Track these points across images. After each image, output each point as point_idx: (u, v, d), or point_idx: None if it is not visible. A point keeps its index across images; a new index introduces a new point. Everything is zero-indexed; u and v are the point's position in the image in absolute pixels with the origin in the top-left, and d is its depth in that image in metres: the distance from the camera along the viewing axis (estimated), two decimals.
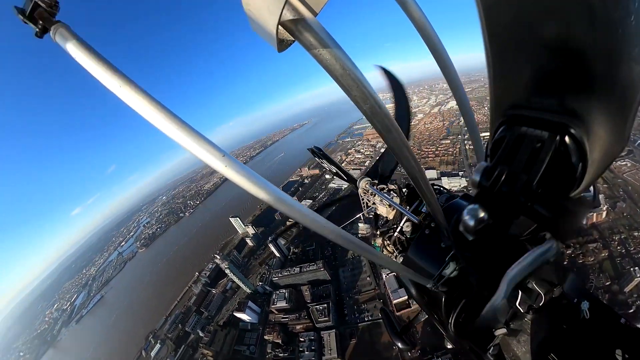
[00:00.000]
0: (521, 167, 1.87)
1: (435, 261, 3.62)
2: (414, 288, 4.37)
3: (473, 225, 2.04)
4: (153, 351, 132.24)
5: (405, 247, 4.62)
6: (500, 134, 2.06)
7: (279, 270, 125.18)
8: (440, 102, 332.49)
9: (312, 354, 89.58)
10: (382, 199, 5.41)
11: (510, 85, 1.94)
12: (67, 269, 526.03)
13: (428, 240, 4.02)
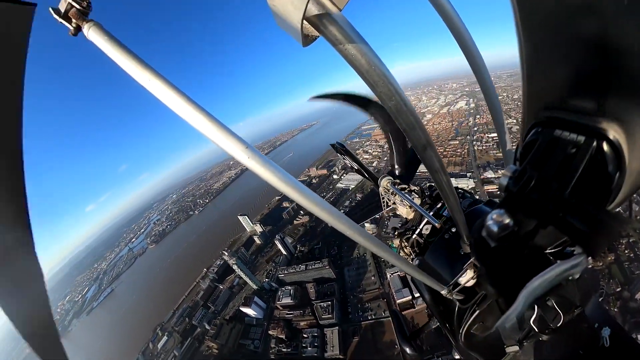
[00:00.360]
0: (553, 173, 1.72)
1: (452, 267, 3.57)
2: (428, 293, 4.29)
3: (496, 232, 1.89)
4: (160, 343, 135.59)
5: (423, 250, 4.58)
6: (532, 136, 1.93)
7: (285, 267, 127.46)
8: (450, 102, 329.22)
9: (315, 350, 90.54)
10: (402, 199, 5.33)
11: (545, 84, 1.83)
12: (80, 263, 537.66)
13: (447, 245, 3.97)
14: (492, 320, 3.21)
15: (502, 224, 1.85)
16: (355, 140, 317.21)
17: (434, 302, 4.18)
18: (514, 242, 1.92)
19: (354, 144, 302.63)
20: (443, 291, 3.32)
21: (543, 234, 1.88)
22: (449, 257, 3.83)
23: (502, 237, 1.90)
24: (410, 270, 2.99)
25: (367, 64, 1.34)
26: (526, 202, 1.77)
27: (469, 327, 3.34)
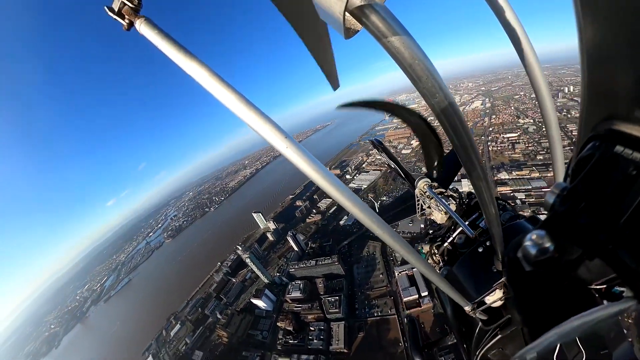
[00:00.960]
0: (608, 196, 1.35)
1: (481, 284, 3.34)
2: (450, 307, 4.08)
3: (534, 255, 1.57)
4: (173, 330, 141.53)
5: (453, 261, 4.25)
6: (588, 150, 1.56)
7: (296, 262, 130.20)
8: (465, 102, 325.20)
9: (321, 343, 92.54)
10: (438, 204, 5.04)
11: (608, 93, 1.48)
12: (99, 255, 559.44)
13: (478, 259, 3.71)
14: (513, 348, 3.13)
15: (541, 246, 1.57)
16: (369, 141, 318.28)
17: (454, 317, 3.99)
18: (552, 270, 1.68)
19: (368, 144, 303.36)
20: (467, 307, 3.13)
21: (588, 267, 1.60)
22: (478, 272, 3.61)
23: (540, 261, 1.62)
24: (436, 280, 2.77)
25: (411, 58, 1.25)
26: (573, 227, 1.48)
27: (487, 351, 3.22)
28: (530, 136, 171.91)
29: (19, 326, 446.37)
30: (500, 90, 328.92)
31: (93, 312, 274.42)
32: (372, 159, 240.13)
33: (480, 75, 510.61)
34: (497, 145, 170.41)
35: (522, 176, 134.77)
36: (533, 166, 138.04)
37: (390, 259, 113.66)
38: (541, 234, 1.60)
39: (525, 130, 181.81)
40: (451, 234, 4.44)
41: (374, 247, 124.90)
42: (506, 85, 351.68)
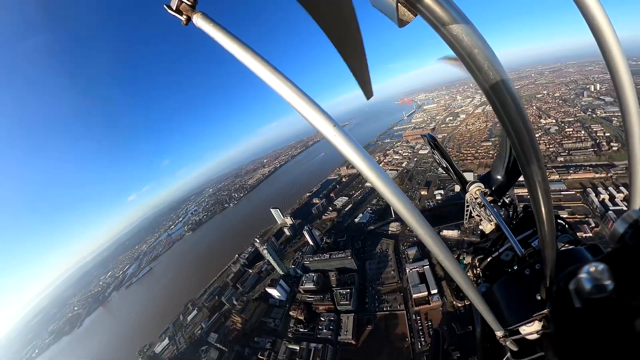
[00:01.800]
0: None
1: (520, 311, 2.92)
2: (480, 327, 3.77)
3: (588, 290, 1.29)
4: (190, 316, 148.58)
5: (494, 278, 3.81)
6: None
7: (311, 255, 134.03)
8: (486, 101, 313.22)
9: (330, 333, 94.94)
10: (489, 214, 4.76)
11: None
12: (122, 245, 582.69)
13: (523, 283, 3.22)
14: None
15: (599, 282, 1.25)
16: (387, 141, 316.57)
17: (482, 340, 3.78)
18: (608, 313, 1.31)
19: (385, 144, 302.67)
20: (498, 333, 2.78)
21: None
22: (520, 297, 3.17)
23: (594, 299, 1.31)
24: (472, 295, 2.37)
25: (471, 45, 1.17)
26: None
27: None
28: (551, 137, 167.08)
29: (45, 306, 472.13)
30: (522, 88, 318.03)
31: (115, 297, 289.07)
32: (389, 159, 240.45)
33: None
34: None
35: None
36: (553, 168, 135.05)
37: (403, 257, 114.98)
38: (602, 267, 1.28)
39: (546, 130, 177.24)
40: (498, 248, 4.13)
41: (387, 245, 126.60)
42: (529, 83, 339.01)
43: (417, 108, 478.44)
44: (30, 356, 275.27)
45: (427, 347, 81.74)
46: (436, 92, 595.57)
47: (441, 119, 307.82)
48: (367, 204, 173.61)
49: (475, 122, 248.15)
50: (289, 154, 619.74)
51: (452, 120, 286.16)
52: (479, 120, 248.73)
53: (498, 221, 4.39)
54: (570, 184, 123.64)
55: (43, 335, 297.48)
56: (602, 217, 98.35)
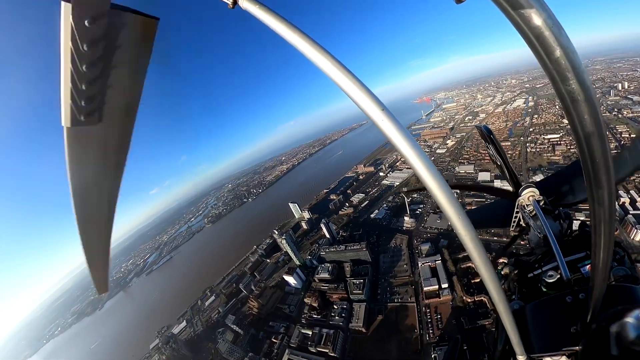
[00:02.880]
0: None
1: (550, 340, 2.77)
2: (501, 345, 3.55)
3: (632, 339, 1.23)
4: (208, 301, 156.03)
5: (530, 296, 3.69)
6: None
7: (327, 246, 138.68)
8: (507, 100, 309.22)
9: (342, 320, 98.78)
10: (540, 225, 4.27)
11: None
12: (143, 235, 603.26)
13: (560, 310, 2.97)
14: None
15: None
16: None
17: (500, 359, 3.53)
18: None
19: None
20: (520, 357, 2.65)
21: None
22: (553, 325, 2.95)
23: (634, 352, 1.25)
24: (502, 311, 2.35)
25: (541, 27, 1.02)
26: None
27: None
28: (573, 138, 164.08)
29: (68, 289, 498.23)
30: (545, 87, 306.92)
31: (135, 283, 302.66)
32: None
33: (526, 71, 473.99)
34: (536, 147, 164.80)
35: None
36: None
37: (416, 252, 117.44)
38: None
39: (568, 131, 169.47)
40: (542, 265, 3.83)
41: (401, 240, 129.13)
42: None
43: (436, 107, 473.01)
44: (53, 333, 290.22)
45: (435, 339, 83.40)
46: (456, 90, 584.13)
47: (460, 118, 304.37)
48: (383, 201, 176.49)
49: (495, 122, 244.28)
50: (307, 152, 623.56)
51: (471, 120, 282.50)
52: (499, 120, 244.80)
53: (548, 235, 3.99)
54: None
55: (66, 315, 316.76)
56: (621, 221, 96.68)
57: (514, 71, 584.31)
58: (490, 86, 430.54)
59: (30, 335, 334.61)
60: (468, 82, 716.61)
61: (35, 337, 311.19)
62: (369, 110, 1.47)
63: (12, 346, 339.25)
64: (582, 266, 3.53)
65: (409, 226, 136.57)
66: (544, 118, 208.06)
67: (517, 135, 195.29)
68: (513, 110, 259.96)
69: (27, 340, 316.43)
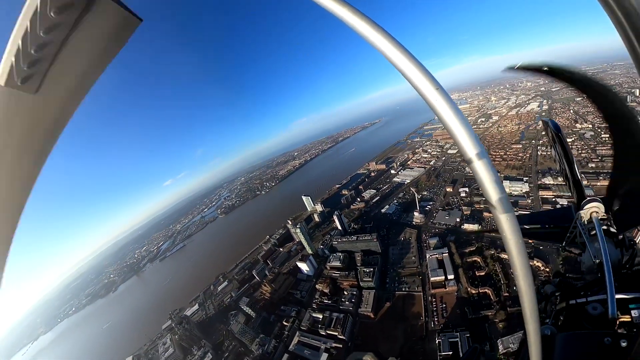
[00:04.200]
0: None
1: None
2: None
3: None
4: (220, 286, 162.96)
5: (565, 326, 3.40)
6: None
7: (339, 237, 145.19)
8: (521, 103, 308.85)
9: (351, 305, 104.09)
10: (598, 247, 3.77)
11: None
12: (157, 225, 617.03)
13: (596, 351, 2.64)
14: None
15: None
16: (417, 140, 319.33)
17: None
18: None
19: (415, 142, 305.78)
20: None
21: None
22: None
23: None
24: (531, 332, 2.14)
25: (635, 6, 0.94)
26: None
27: None
28: (585, 142, 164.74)
29: (83, 273, 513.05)
30: (561, 91, 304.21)
31: (148, 268, 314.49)
32: (417, 157, 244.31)
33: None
34: (547, 150, 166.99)
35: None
36: (583, 173, 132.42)
37: (424, 245, 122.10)
38: None
39: (581, 135, 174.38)
40: (588, 294, 3.44)
41: (410, 234, 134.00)
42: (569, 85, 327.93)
43: None
44: (67, 313, 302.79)
45: (440, 326, 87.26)
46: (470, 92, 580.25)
47: (473, 120, 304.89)
48: (394, 197, 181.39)
49: (507, 125, 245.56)
50: (319, 148, 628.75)
51: (484, 122, 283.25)
52: (511, 123, 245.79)
53: (604, 262, 3.52)
54: (599, 190, 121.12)
55: (80, 297, 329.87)
56: None
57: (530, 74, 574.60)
58: (505, 88, 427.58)
59: (46, 314, 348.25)
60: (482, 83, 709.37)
61: (50, 316, 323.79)
62: (423, 88, 1.42)
63: (28, 323, 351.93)
64: (636, 309, 3.03)
65: (418, 221, 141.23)
66: (557, 121, 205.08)
67: (529, 138, 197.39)
68: (526, 113, 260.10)
69: (43, 319, 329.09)
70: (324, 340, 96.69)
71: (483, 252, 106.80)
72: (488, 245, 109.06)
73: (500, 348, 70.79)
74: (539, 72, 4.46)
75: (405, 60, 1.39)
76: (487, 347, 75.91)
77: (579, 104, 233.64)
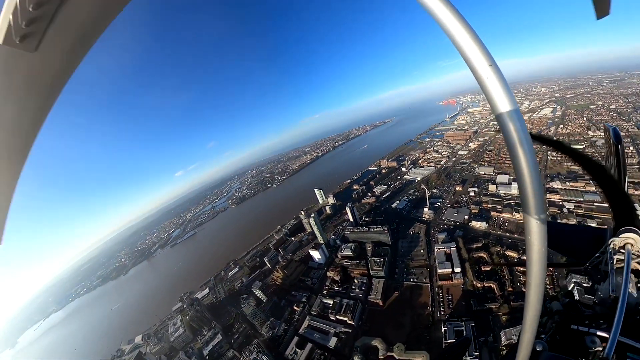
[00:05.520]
0: None
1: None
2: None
3: None
4: (231, 272, 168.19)
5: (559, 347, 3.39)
6: None
7: (351, 227, 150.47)
8: (534, 108, 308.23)
9: (361, 292, 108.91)
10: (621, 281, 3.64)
11: None
12: (168, 213, 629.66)
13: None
14: None
15: None
16: (427, 140, 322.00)
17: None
18: None
19: (426, 143, 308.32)
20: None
21: None
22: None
23: None
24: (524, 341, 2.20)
25: None
26: None
27: None
28: (597, 150, 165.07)
29: (95, 256, 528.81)
30: (576, 98, 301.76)
31: (159, 253, 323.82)
32: (428, 156, 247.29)
33: (557, 80, 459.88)
34: (557, 155, 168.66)
35: (575, 187, 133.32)
36: (591, 180, 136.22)
37: (433, 240, 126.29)
38: None
39: (592, 143, 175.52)
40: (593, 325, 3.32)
41: (420, 228, 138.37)
42: (584, 92, 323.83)
43: (461, 110, 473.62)
44: (78, 293, 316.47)
45: (445, 316, 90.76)
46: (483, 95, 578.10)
47: (485, 123, 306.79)
48: (404, 193, 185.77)
49: None
50: (330, 144, 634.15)
51: (495, 125, 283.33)
52: None
53: (620, 301, 3.35)
54: None
55: (91, 279, 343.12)
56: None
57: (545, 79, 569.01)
58: (519, 92, 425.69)
59: (58, 293, 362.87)
60: None
61: (62, 295, 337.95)
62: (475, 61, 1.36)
63: (41, 301, 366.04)
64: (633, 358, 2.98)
65: (427, 217, 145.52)
66: (569, 128, 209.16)
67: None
68: (539, 118, 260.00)
69: (54, 297, 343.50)
70: (333, 324, 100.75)
71: (489, 248, 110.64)
72: (494, 243, 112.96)
73: (503, 339, 73.61)
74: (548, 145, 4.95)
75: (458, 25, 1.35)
76: (490, 338, 79.50)
77: (592, 112, 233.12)
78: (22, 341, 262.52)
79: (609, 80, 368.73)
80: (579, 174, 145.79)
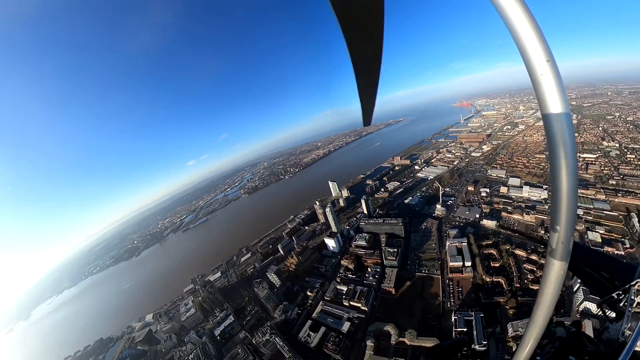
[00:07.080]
0: None
1: None
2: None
3: None
4: (243, 257, 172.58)
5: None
6: None
7: (366, 219, 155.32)
8: None
9: (374, 281, 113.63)
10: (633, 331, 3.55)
11: None
12: (180, 200, 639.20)
13: None
14: None
15: None
16: (441, 140, 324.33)
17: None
18: None
19: (439, 143, 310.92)
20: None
21: None
22: None
23: None
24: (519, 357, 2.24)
25: None
26: None
27: None
28: (609, 160, 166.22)
29: (108, 238, 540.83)
30: (593, 107, 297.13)
31: (171, 237, 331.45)
32: (441, 156, 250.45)
33: (575, 88, 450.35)
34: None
35: (585, 195, 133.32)
36: (601, 188, 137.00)
37: (444, 235, 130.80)
38: None
39: (606, 153, 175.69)
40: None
41: (432, 224, 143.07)
42: (602, 102, 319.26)
43: (475, 113, 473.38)
44: (91, 272, 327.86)
45: (455, 307, 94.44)
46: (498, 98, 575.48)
47: (498, 127, 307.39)
48: (417, 190, 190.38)
49: (533, 134, 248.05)
50: (343, 140, 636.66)
51: (509, 130, 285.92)
52: (537, 133, 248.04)
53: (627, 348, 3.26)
54: (616, 206, 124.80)
55: (104, 258, 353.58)
56: (639, 242, 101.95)
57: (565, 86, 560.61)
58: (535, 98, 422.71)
59: (71, 271, 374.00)
60: (512, 91, 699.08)
61: (75, 273, 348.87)
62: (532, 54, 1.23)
63: (55, 278, 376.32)
64: None
65: (440, 213, 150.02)
66: (583, 137, 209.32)
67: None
68: None
69: (68, 275, 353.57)
70: (347, 310, 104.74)
71: (499, 246, 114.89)
72: (504, 241, 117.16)
73: (510, 331, 77.34)
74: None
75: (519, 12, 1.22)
76: (498, 330, 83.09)
77: (609, 122, 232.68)
78: (35, 314, 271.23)
79: (628, 91, 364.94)
80: (590, 182, 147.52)
